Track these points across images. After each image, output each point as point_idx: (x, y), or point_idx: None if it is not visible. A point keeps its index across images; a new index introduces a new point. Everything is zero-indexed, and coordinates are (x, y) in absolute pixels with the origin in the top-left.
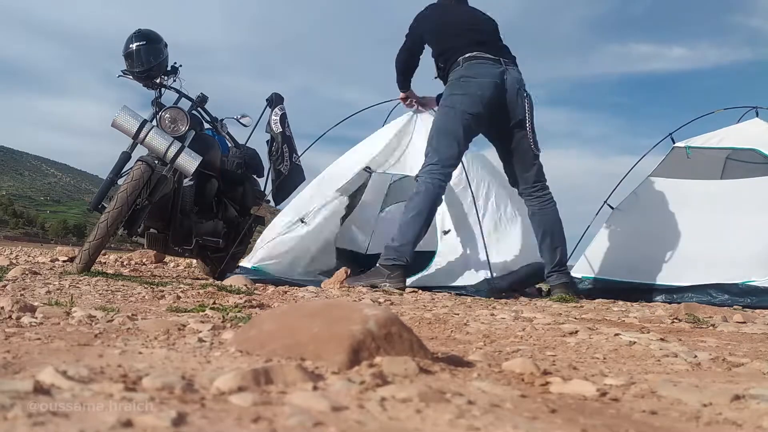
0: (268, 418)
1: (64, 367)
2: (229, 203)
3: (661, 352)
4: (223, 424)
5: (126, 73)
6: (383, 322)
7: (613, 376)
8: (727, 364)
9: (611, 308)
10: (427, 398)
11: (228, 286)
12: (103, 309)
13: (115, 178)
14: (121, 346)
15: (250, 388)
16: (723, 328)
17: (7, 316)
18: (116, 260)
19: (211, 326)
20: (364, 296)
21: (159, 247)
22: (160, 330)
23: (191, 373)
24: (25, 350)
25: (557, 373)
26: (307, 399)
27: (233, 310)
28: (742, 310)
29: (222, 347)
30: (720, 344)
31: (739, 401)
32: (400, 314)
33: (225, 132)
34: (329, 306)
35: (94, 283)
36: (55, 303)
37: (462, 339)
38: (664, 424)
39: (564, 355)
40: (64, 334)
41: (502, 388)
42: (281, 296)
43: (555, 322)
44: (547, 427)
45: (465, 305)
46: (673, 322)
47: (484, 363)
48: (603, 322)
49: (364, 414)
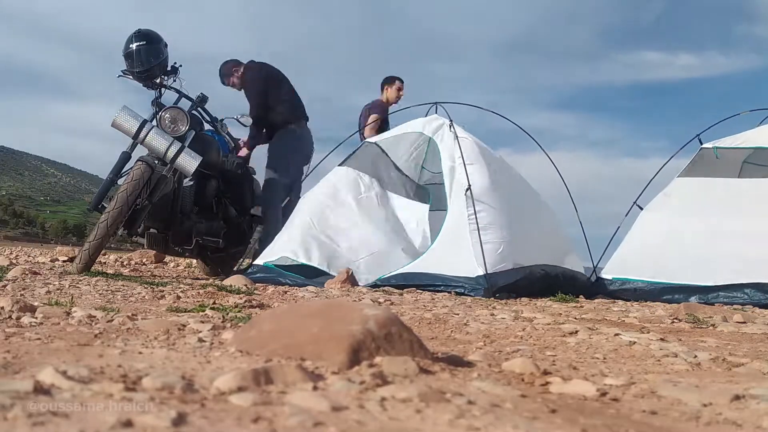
0: (268, 418)
1: (64, 367)
2: (229, 203)
3: (661, 352)
4: (223, 424)
5: (126, 73)
6: (383, 322)
7: (613, 376)
8: (727, 364)
9: (611, 308)
10: (427, 398)
11: (228, 286)
12: (103, 309)
13: (115, 178)
14: (121, 346)
15: (250, 388)
16: (723, 328)
17: (7, 316)
18: (116, 260)
19: (211, 326)
20: (364, 296)
21: (159, 247)
22: (160, 330)
23: (191, 373)
24: (25, 350)
25: (557, 373)
26: (307, 399)
27: (233, 310)
28: (743, 310)
29: (222, 347)
30: (720, 344)
31: (739, 401)
32: (400, 314)
33: (225, 132)
34: (329, 306)
35: (94, 283)
36: (55, 303)
37: (462, 339)
38: (664, 424)
39: (564, 355)
40: (64, 334)
41: (502, 388)
42: (281, 296)
43: (555, 322)
44: (547, 427)
45: (465, 305)
46: (673, 322)
47: (484, 363)
48: (603, 322)
49: (364, 414)
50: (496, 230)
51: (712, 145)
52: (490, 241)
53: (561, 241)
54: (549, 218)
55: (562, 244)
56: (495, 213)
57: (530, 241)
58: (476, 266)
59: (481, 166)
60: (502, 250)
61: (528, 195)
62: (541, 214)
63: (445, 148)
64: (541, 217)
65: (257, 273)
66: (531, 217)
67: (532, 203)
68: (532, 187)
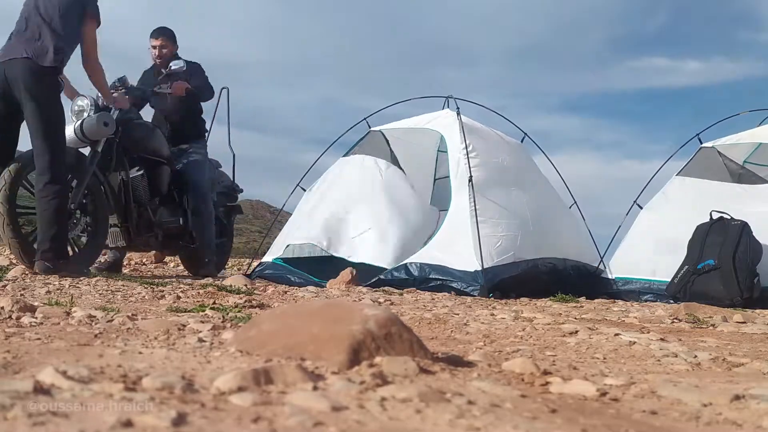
0: (268, 418)
1: (64, 367)
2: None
3: (661, 352)
4: (223, 424)
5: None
6: (383, 322)
7: (613, 376)
8: (727, 364)
9: (611, 308)
10: (427, 398)
11: (228, 286)
12: (103, 309)
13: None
14: (121, 346)
15: (250, 388)
16: (723, 328)
17: (7, 316)
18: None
19: (211, 326)
20: (364, 296)
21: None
22: (160, 330)
23: (191, 373)
24: (25, 350)
25: (557, 373)
26: (307, 399)
27: (233, 310)
28: (743, 311)
29: (222, 347)
30: (720, 344)
31: (739, 401)
32: (400, 314)
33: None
34: (329, 306)
35: (94, 283)
36: (55, 303)
37: (462, 339)
38: (664, 424)
39: (564, 355)
40: (64, 334)
41: (502, 388)
42: (281, 296)
43: (555, 322)
44: (547, 427)
45: (465, 305)
46: (673, 322)
47: (484, 363)
48: (603, 322)
49: (364, 414)
50: (496, 223)
51: (712, 144)
52: (489, 235)
53: (575, 235)
54: (562, 212)
55: (576, 237)
56: (496, 206)
57: (537, 235)
58: (474, 260)
59: (485, 158)
60: (501, 244)
61: (541, 187)
62: (555, 207)
63: (452, 140)
64: (553, 211)
65: (266, 270)
66: (541, 210)
67: (545, 196)
68: (548, 180)
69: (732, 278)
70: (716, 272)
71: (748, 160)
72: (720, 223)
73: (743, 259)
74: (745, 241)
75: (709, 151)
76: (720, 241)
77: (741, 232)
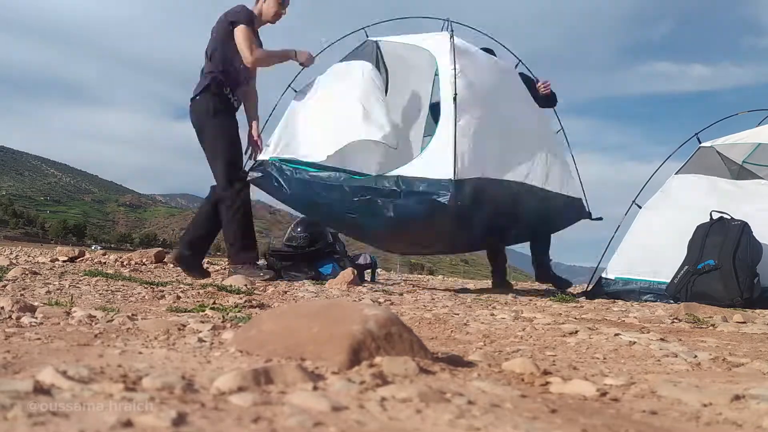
0: (268, 418)
1: (64, 367)
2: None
3: (661, 352)
4: (223, 424)
5: None
6: (383, 322)
7: (613, 376)
8: (727, 364)
9: (611, 308)
10: (427, 398)
11: (228, 286)
12: (103, 309)
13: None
14: (121, 346)
15: (250, 388)
16: (723, 328)
17: (7, 316)
18: (116, 260)
19: (211, 326)
20: (364, 296)
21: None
22: (160, 330)
23: (191, 373)
24: (25, 350)
25: (557, 373)
26: (307, 399)
27: (233, 310)
28: (743, 311)
29: (222, 347)
30: (720, 344)
31: (739, 401)
32: (400, 314)
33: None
34: (329, 306)
35: (94, 283)
36: (55, 303)
37: (462, 339)
38: (664, 424)
39: (564, 355)
40: (64, 334)
41: (502, 388)
42: (281, 296)
43: (555, 322)
44: (547, 427)
45: (465, 305)
46: (673, 322)
47: (484, 363)
48: (603, 322)
49: (364, 414)
50: (476, 141)
51: (710, 144)
52: (467, 151)
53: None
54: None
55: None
56: (479, 123)
57: (517, 156)
58: (450, 172)
59: (473, 78)
60: (475, 160)
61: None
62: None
63: (443, 60)
64: (539, 140)
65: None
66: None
67: (532, 120)
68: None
69: (732, 278)
70: (716, 272)
71: (747, 160)
72: (720, 223)
73: (743, 259)
74: (745, 241)
75: (708, 151)
76: (720, 241)
77: (741, 232)
